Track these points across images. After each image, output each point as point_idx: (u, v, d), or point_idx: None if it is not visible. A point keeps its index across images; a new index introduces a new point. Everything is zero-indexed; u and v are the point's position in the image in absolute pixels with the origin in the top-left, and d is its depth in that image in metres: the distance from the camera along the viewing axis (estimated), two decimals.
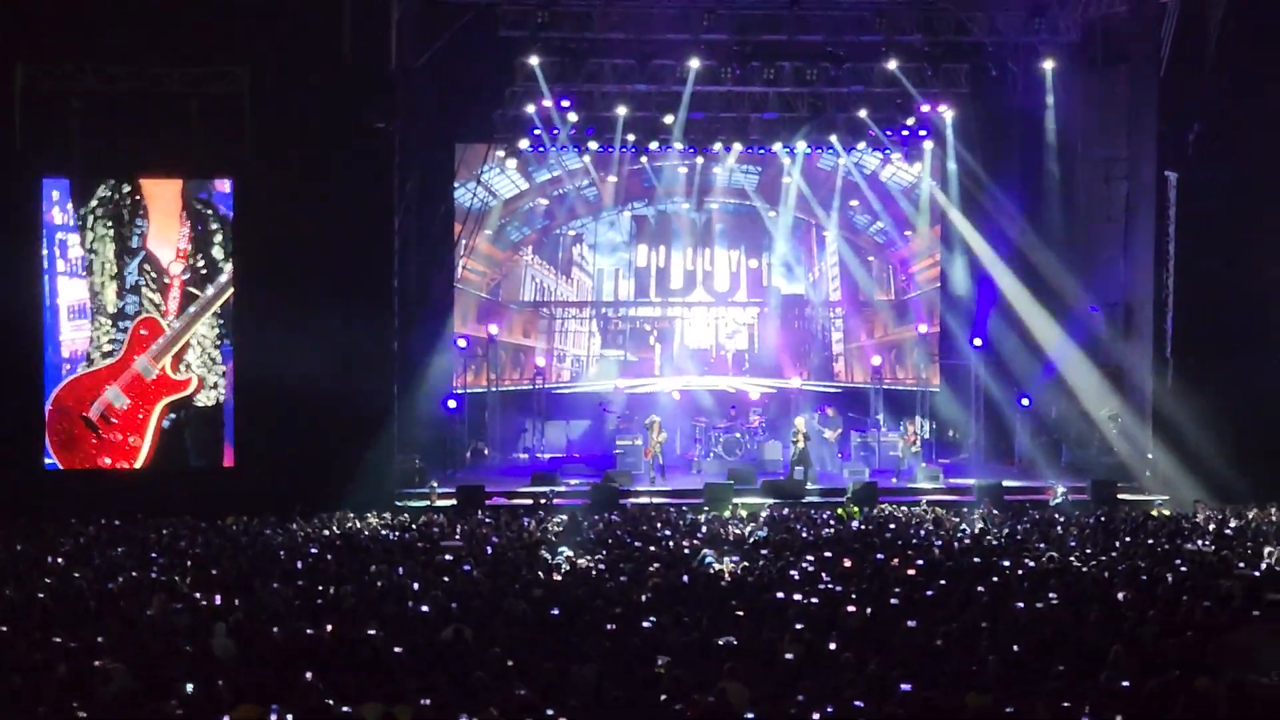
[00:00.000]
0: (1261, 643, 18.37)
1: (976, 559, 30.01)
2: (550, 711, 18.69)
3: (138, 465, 40.14)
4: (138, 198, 40.19)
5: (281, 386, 38.70)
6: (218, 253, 40.24)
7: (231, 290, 40.29)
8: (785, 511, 38.40)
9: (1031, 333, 45.91)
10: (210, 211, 40.48)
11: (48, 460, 40.27)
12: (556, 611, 24.46)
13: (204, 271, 40.25)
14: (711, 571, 28.93)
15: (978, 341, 47.40)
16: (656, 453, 43.96)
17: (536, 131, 45.99)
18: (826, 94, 44.52)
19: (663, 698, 19.26)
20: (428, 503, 40.29)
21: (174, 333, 39.96)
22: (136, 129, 39.46)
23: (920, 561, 29.63)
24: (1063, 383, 45.36)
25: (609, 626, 23.12)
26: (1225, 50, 40.14)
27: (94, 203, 40.11)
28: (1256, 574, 28.31)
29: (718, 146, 47.78)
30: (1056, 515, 37.96)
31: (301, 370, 38.31)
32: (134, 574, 28.22)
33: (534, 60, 42.38)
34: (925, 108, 45.73)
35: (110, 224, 40.03)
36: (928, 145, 47.85)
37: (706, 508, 39.34)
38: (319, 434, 39.03)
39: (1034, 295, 45.81)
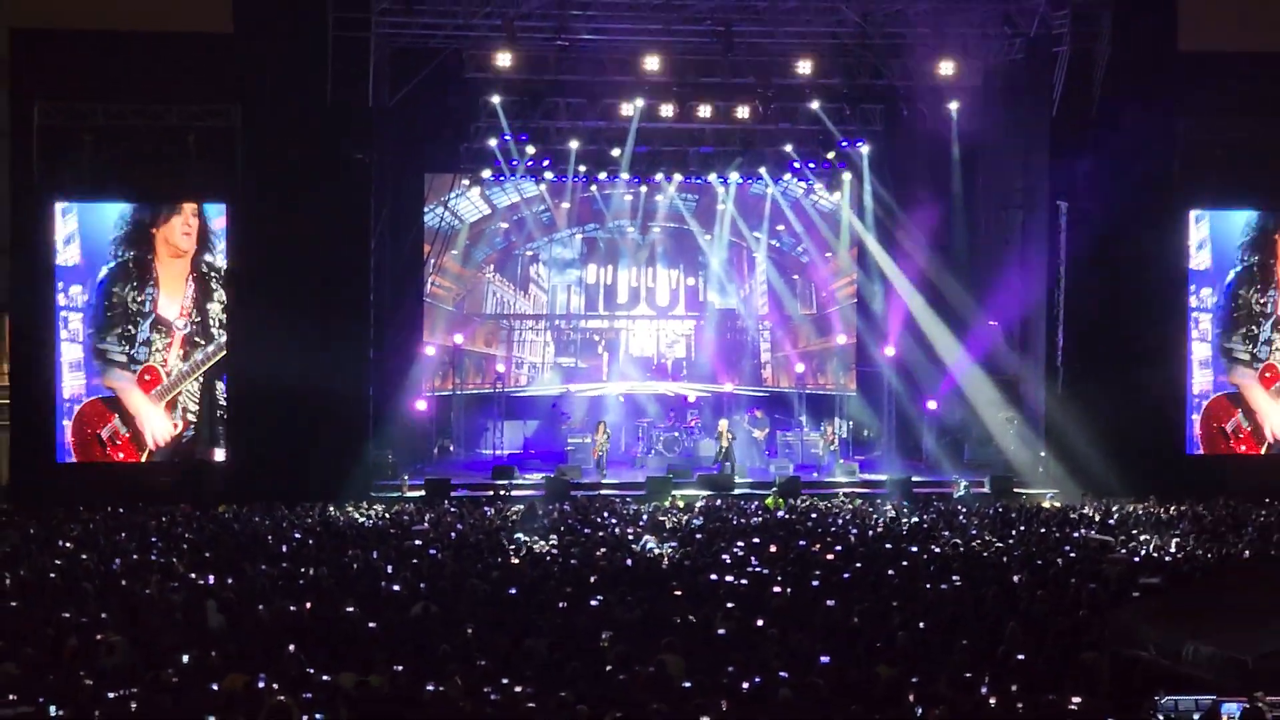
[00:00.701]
0: (1139, 621, 18.39)
1: (888, 545, 30.05)
2: (506, 680, 18.65)
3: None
4: (150, 267, 40.12)
5: (270, 389, 38.68)
6: (215, 309, 40.34)
7: (223, 353, 40.40)
8: (718, 502, 38.42)
9: (936, 344, 46.03)
10: (213, 274, 40.43)
11: (61, 455, 40.17)
12: (514, 591, 24.42)
13: (202, 323, 40.45)
14: (652, 556, 28.94)
15: (889, 351, 47.47)
16: (603, 452, 43.97)
17: (498, 162, 46.06)
18: (756, 130, 44.62)
19: (608, 668, 19.24)
20: (399, 494, 40.20)
21: (170, 382, 40.17)
22: (140, 160, 39.56)
23: (838, 547, 29.65)
24: (964, 389, 45.42)
25: (560, 605, 23.09)
26: (1109, 93, 40.35)
27: (113, 266, 40.12)
28: (1135, 559, 28.41)
29: (659, 176, 47.85)
30: (959, 507, 38.10)
31: (287, 375, 38.29)
32: (135, 557, 28.14)
33: (496, 99, 42.39)
34: (844, 143, 45.96)
35: (125, 290, 40.01)
36: (846, 176, 48.00)
37: (648, 499, 39.32)
38: (302, 432, 39.00)
39: (938, 311, 45.99)
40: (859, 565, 27.36)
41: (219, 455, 40.66)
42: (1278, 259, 42.98)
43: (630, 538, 31.41)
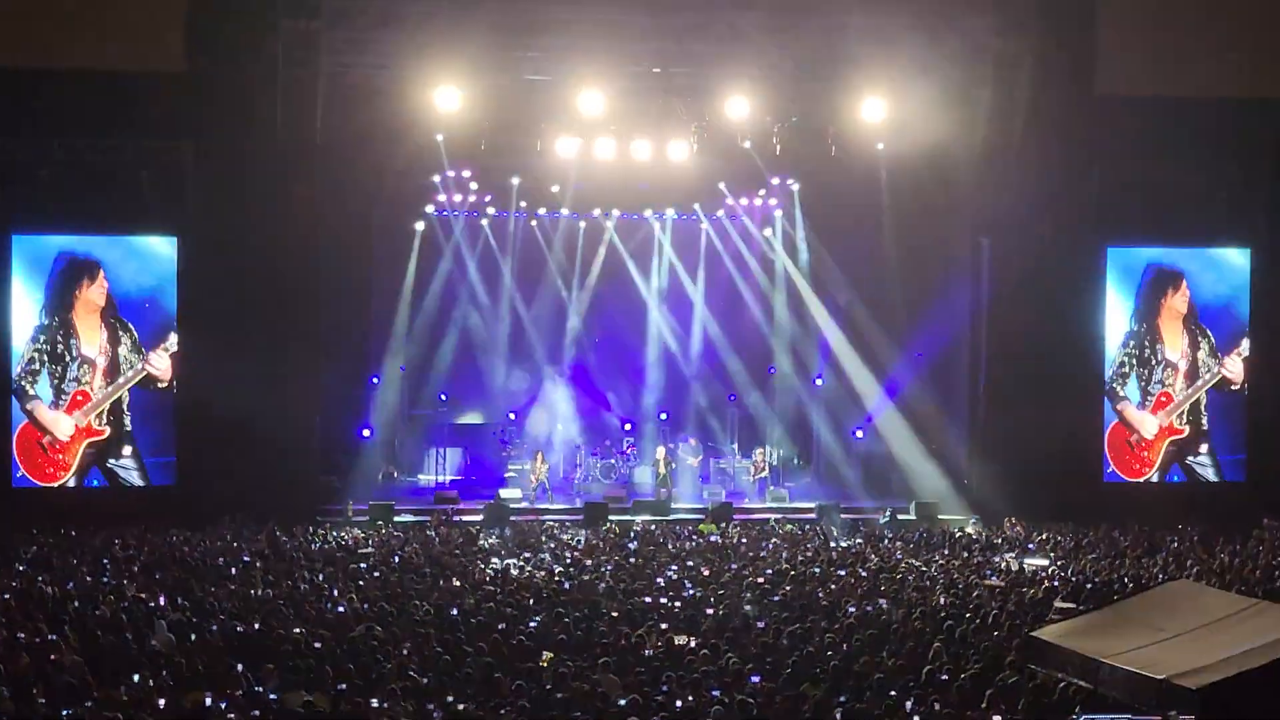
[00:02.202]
0: (1057, 642, 18.53)
1: (816, 569, 30.12)
2: (450, 698, 18.68)
3: (67, 480, 40.04)
4: (71, 327, 40.23)
5: (220, 417, 38.50)
6: (126, 348, 40.36)
7: (143, 373, 40.55)
8: (653, 527, 38.46)
9: (862, 376, 46.27)
10: (119, 323, 40.41)
11: (16, 476, 39.96)
12: (454, 612, 24.44)
13: (118, 359, 40.41)
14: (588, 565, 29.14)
15: (819, 381, 47.70)
16: (542, 479, 43.94)
17: (442, 197, 46.10)
18: (692, 169, 44.61)
19: (546, 687, 19.27)
20: (344, 518, 40.09)
21: (99, 399, 40.09)
22: (95, 194, 39.44)
23: (769, 570, 29.74)
24: (892, 418, 45.58)
25: (500, 626, 23.12)
26: (1028, 137, 40.62)
27: (39, 334, 40.28)
28: (1054, 583, 28.61)
29: (598, 212, 47.97)
30: (886, 532, 38.20)
31: (238, 403, 38.14)
32: (88, 579, 28.01)
33: (439, 137, 42.33)
34: (776, 181, 46.14)
35: (52, 347, 40.19)
36: (778, 214, 48.25)
37: (585, 525, 39.32)
38: (251, 457, 38.83)
39: (864, 343, 46.31)
40: (788, 588, 27.48)
41: (127, 452, 40.64)
42: (1160, 313, 43.29)
43: (568, 562, 31.49)
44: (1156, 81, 41.21)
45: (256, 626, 23.05)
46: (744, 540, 35.63)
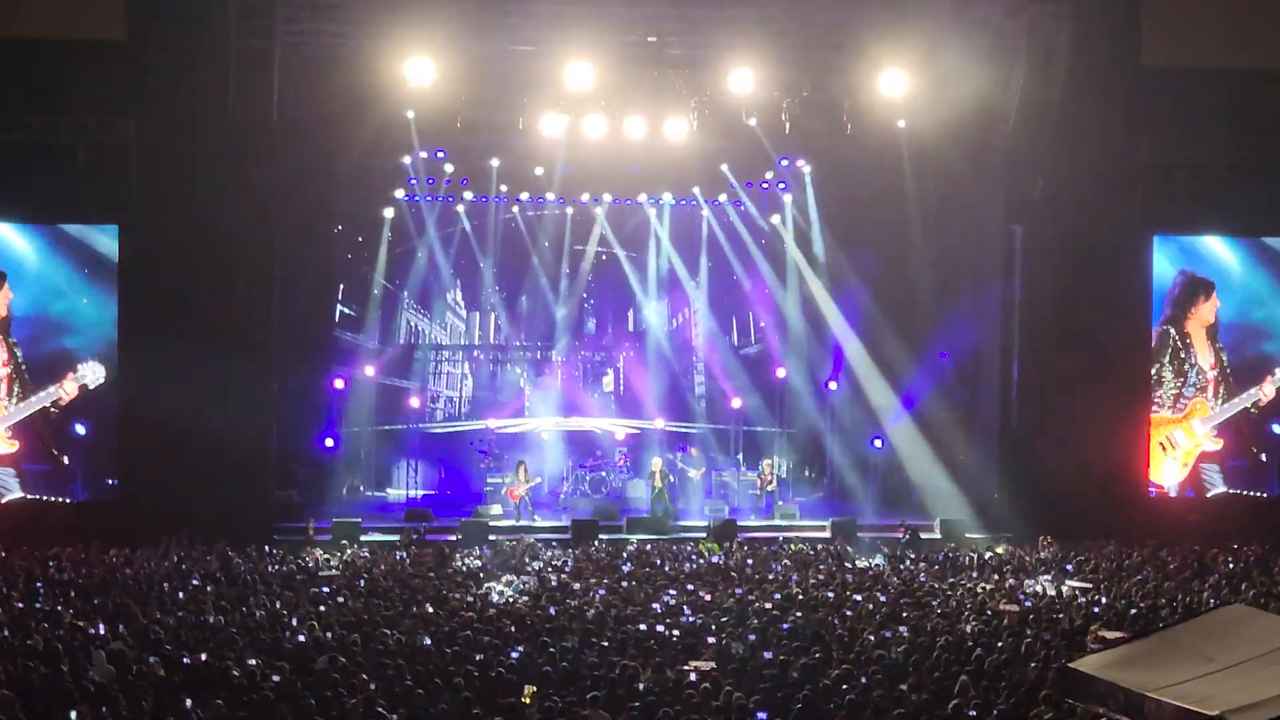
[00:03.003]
0: (1097, 675, 18.49)
1: (830, 593, 30.10)
2: None
3: None
4: None
5: (164, 423, 38.52)
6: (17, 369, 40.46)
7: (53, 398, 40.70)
8: (649, 547, 38.43)
9: (882, 379, 46.24)
10: (13, 341, 40.50)
11: None
12: (428, 641, 24.41)
13: (14, 375, 40.60)
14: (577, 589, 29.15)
15: (833, 386, 47.69)
16: (525, 495, 43.87)
17: (413, 180, 46.08)
18: (691, 149, 44.56)
19: None
20: (304, 536, 40.05)
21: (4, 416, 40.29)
22: (26, 176, 39.37)
23: (777, 595, 29.72)
24: (912, 426, 45.56)
25: (478, 656, 23.08)
26: (1065, 113, 40.56)
27: None
28: (1095, 609, 28.57)
29: (586, 197, 47.96)
30: (906, 552, 38.19)
31: (183, 409, 38.20)
32: (18, 605, 27.95)
33: (410, 114, 42.29)
34: (784, 163, 46.13)
35: None
36: (786, 198, 48.19)
37: (574, 543, 39.29)
38: (200, 470, 38.85)
39: (884, 343, 46.26)
40: (798, 614, 27.45)
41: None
42: (1189, 319, 43.39)
43: (554, 584, 31.49)
44: (1209, 51, 41.16)
45: (205, 658, 23.02)
46: (750, 561, 35.63)
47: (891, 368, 46.30)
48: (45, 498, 40.60)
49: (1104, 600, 29.88)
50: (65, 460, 40.76)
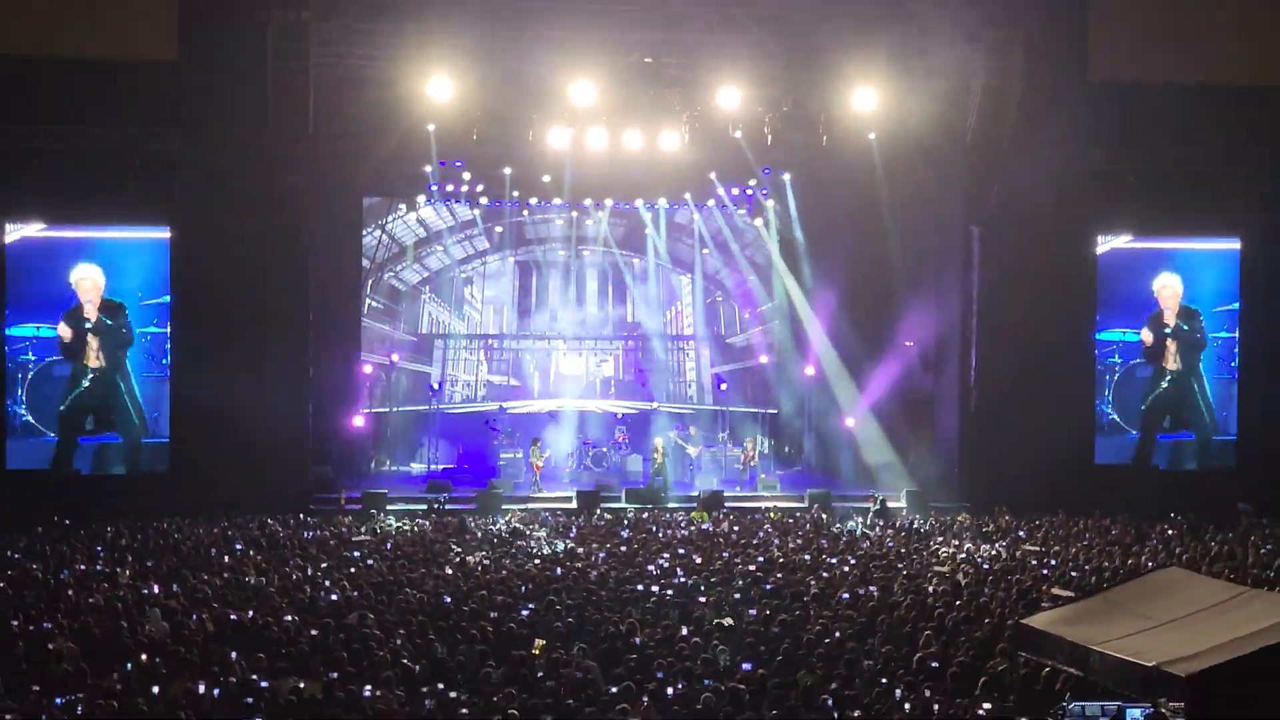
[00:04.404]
0: (1047, 630, 18.57)
1: (807, 556, 30.16)
2: (440, 685, 18.69)
3: None
4: None
5: (211, 406, 38.55)
6: None
7: None
8: (645, 515, 38.47)
9: (853, 366, 46.41)
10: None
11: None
12: (447, 600, 24.45)
13: None
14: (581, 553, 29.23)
15: (809, 371, 47.78)
16: (539, 467, 44.03)
17: (433, 187, 46.12)
18: (682, 158, 44.67)
19: (538, 674, 19.30)
20: (337, 507, 40.08)
21: None
22: (84, 183, 39.46)
23: (760, 559, 29.77)
24: (883, 407, 45.67)
25: (492, 614, 23.13)
26: (1019, 126, 40.68)
27: None
28: (1044, 571, 28.64)
29: (589, 202, 48.01)
30: (876, 520, 38.25)
31: (228, 392, 38.25)
32: (81, 567, 28.01)
33: (430, 127, 42.37)
34: (767, 171, 46.25)
35: None
36: (770, 203, 48.28)
37: (577, 513, 39.33)
38: (243, 447, 38.85)
39: (855, 333, 46.58)
40: (779, 575, 27.51)
41: None
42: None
43: (560, 550, 31.53)
44: (1149, 69, 41.28)
45: (248, 614, 23.07)
46: (736, 528, 35.68)
47: (863, 355, 46.43)
48: (107, 472, 40.70)
49: (1053, 563, 29.95)
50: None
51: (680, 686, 18.86)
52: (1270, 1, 41.63)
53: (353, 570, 28.05)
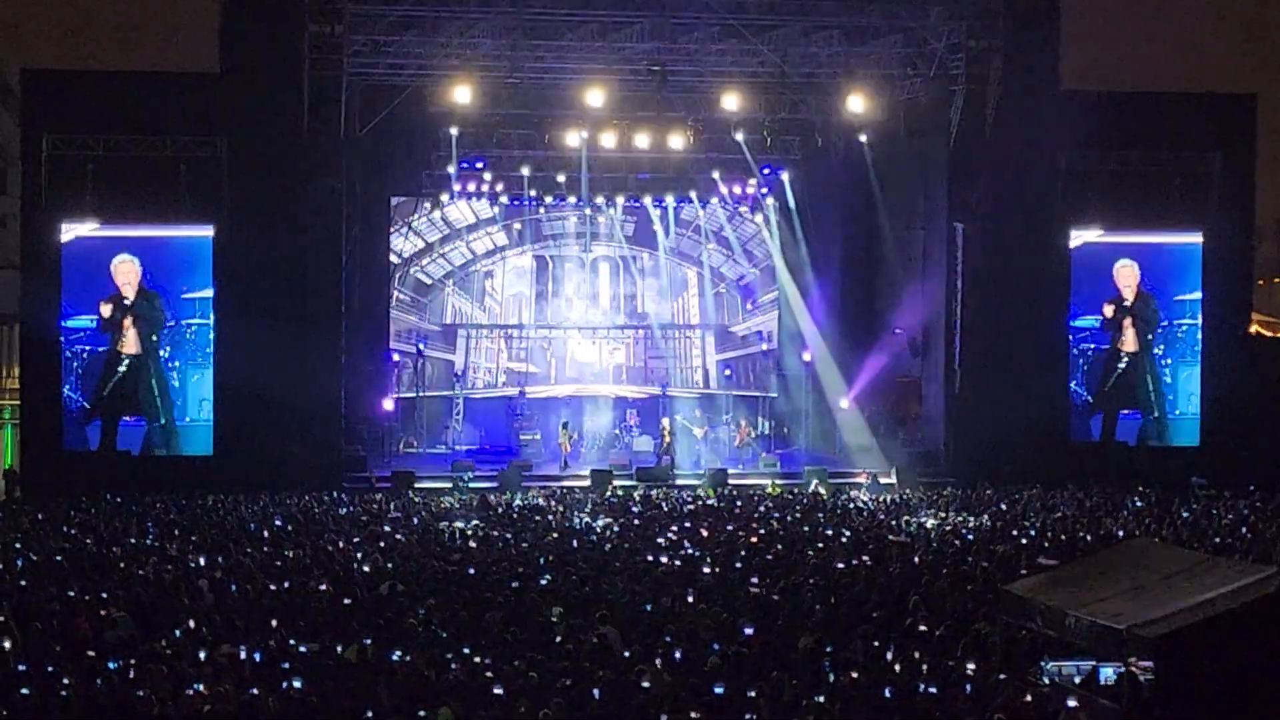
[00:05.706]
0: (1027, 595, 18.58)
1: (805, 529, 30.18)
2: (466, 650, 18.72)
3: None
4: None
5: (253, 391, 38.72)
6: None
7: None
8: (653, 492, 38.51)
9: (848, 351, 46.51)
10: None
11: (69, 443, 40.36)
12: (471, 571, 24.47)
13: None
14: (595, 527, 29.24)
15: (806, 357, 47.77)
16: (567, 447, 44.19)
17: (456, 187, 46.10)
18: (688, 159, 44.77)
19: (556, 639, 19.31)
20: (368, 485, 40.15)
21: None
22: (136, 187, 39.53)
23: (761, 531, 29.79)
24: (874, 390, 45.74)
25: (513, 583, 23.14)
26: (1000, 127, 40.78)
27: None
28: (1024, 540, 28.65)
29: (601, 200, 47.96)
30: (868, 495, 38.28)
31: (269, 378, 38.42)
32: (132, 541, 28.07)
33: (454, 130, 42.47)
34: (766, 170, 46.27)
35: None
36: (769, 201, 48.28)
37: (592, 490, 39.33)
38: (281, 430, 39.11)
39: (848, 321, 46.95)
40: (779, 547, 27.52)
41: None
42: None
43: (577, 523, 31.54)
44: (1117, 77, 41.45)
45: (287, 585, 23.10)
46: (739, 503, 35.69)
47: (855, 342, 46.58)
48: (156, 452, 40.77)
49: (1032, 533, 29.95)
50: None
51: (687, 648, 18.87)
52: (1225, 19, 41.77)
53: (383, 544, 28.07)
